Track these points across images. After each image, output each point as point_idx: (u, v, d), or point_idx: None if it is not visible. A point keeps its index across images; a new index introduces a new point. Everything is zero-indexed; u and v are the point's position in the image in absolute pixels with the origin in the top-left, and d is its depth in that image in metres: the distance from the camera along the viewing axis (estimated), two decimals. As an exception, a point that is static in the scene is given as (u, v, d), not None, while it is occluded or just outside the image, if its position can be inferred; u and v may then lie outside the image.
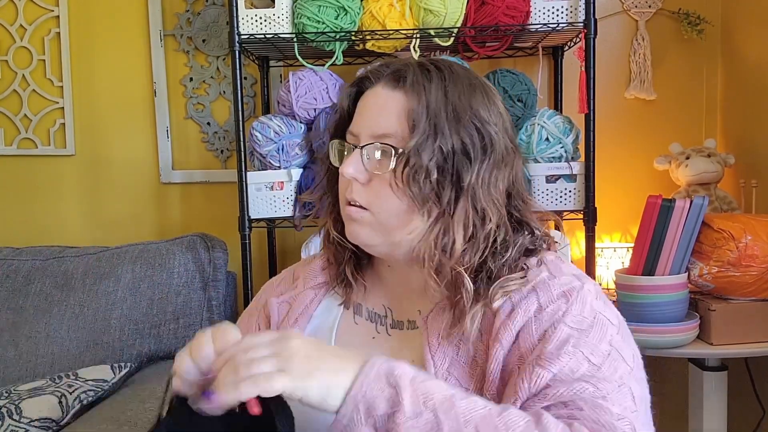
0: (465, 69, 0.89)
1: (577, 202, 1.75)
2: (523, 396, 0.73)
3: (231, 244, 1.91)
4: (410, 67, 0.86)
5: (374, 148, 0.84)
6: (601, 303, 0.82)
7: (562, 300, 0.80)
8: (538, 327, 0.78)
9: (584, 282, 0.83)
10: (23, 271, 1.88)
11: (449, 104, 0.83)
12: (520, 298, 0.81)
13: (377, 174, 0.84)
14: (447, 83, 0.84)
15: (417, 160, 0.81)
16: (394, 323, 0.91)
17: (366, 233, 0.86)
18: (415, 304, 0.90)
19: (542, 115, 1.75)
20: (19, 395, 1.46)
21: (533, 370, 0.74)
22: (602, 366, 0.75)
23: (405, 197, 0.82)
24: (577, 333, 0.76)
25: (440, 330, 0.83)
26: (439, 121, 0.82)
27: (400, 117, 0.83)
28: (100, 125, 2.18)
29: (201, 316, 1.81)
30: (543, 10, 1.71)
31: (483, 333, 0.82)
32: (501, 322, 0.80)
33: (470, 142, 0.83)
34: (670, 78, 2.09)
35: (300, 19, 1.70)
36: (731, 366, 1.78)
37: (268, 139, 1.77)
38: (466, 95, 0.84)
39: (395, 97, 0.84)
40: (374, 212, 0.84)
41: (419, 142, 0.81)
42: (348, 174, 0.84)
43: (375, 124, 0.85)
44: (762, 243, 1.59)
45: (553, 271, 0.84)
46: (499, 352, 0.78)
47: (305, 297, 0.96)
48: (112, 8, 2.14)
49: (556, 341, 0.76)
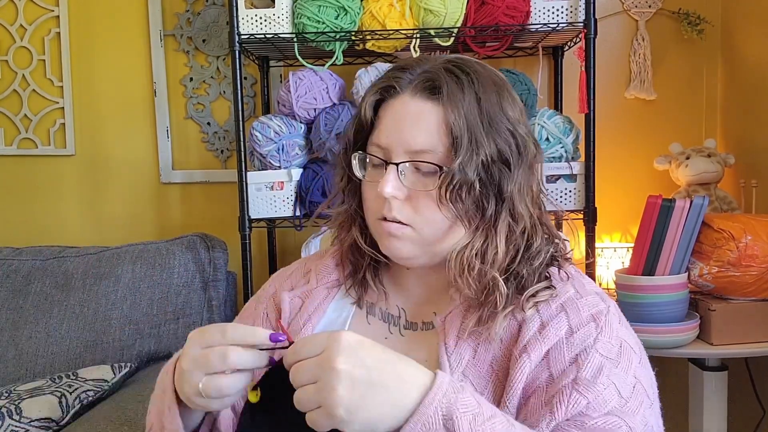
0: (485, 67, 0.87)
1: (577, 202, 1.75)
2: (560, 417, 0.74)
3: (231, 244, 1.91)
4: (441, 76, 0.82)
5: (413, 165, 0.82)
6: (624, 328, 0.83)
7: (591, 324, 0.80)
8: (570, 349, 0.79)
9: (609, 304, 0.84)
10: (23, 271, 1.88)
11: (483, 113, 0.81)
12: (550, 316, 0.81)
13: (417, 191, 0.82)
14: (476, 88, 0.82)
15: (462, 177, 0.79)
16: (407, 324, 0.91)
17: (408, 249, 0.85)
18: (431, 305, 0.90)
19: (542, 115, 1.75)
20: (19, 395, 1.46)
21: (571, 394, 0.75)
22: (629, 401, 0.76)
23: (449, 213, 0.81)
24: (609, 362, 0.78)
25: (458, 331, 0.83)
26: (478, 133, 0.80)
27: (438, 131, 0.81)
28: (100, 125, 2.18)
29: (201, 316, 1.81)
30: (543, 10, 1.71)
31: (503, 340, 0.81)
32: (531, 335, 0.80)
33: (507, 149, 0.82)
34: (670, 78, 2.09)
35: (300, 19, 1.70)
36: (731, 366, 1.77)
37: (268, 139, 1.77)
38: (496, 98, 0.83)
39: (430, 110, 0.81)
40: (417, 228, 0.83)
41: (465, 158, 0.79)
42: (387, 194, 0.81)
43: (410, 138, 0.82)
44: (762, 243, 1.59)
45: (579, 289, 0.85)
46: (526, 364, 0.78)
47: (318, 294, 0.95)
48: (112, 8, 2.14)
49: (590, 369, 0.77)
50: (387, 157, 0.83)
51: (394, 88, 0.84)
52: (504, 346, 0.81)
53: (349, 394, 0.63)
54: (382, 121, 0.85)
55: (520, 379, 0.78)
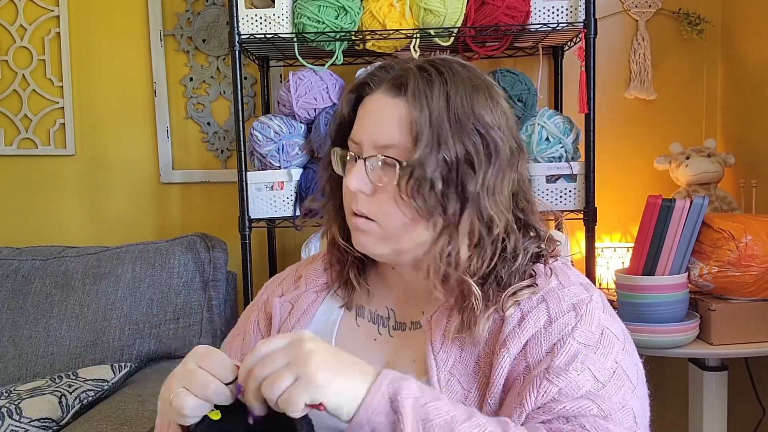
0: (466, 68, 0.86)
1: (577, 202, 1.75)
2: (529, 408, 0.74)
3: (231, 244, 1.91)
4: (411, 73, 0.83)
5: (377, 160, 0.82)
6: (608, 317, 0.83)
7: (571, 313, 0.80)
8: (546, 339, 0.79)
9: (592, 293, 0.84)
10: (23, 271, 1.88)
11: (451, 111, 0.81)
12: (530, 307, 0.81)
13: (381, 186, 0.83)
14: (449, 88, 0.82)
15: (421, 173, 0.79)
16: (396, 324, 0.91)
17: (373, 243, 0.85)
18: (419, 305, 0.90)
19: (542, 115, 1.75)
20: (19, 395, 1.46)
21: (541, 383, 0.75)
22: (607, 384, 0.76)
23: (410, 209, 0.81)
24: (585, 349, 0.77)
25: (444, 331, 0.83)
26: (442, 131, 0.80)
27: (402, 127, 0.81)
28: (100, 125, 2.18)
29: (201, 316, 1.81)
30: (543, 10, 1.71)
31: (489, 338, 0.82)
32: (510, 329, 0.80)
33: (474, 150, 0.80)
34: (670, 78, 2.09)
35: (300, 19, 1.70)
36: (731, 366, 1.77)
37: (268, 139, 1.77)
38: (469, 99, 0.82)
39: (396, 106, 0.82)
40: (380, 223, 0.84)
41: (423, 154, 0.79)
42: (353, 187, 0.83)
43: (377, 133, 0.83)
44: (762, 243, 1.59)
45: (562, 280, 0.84)
46: (505, 358, 0.79)
47: (307, 298, 0.96)
48: (112, 8, 2.14)
49: (564, 356, 0.77)
50: (359, 153, 0.85)
51: (369, 85, 0.86)
52: (490, 343, 0.82)
53: (324, 359, 0.69)
54: (357, 118, 0.87)
55: (501, 374, 0.78)
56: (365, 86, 0.87)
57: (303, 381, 0.67)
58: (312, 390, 0.66)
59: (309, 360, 0.68)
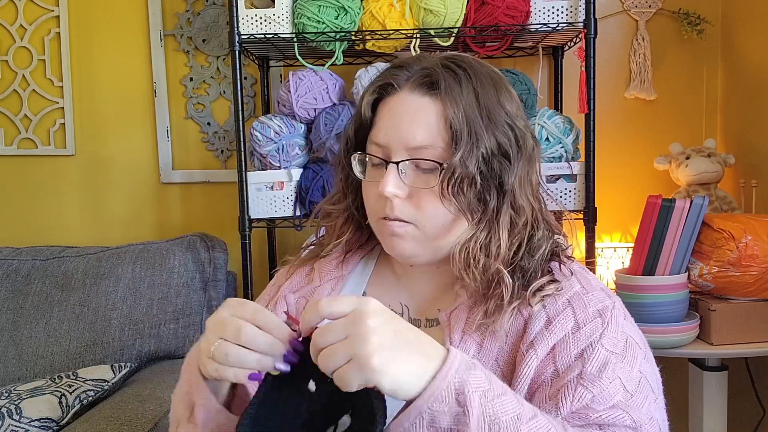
0: (481, 63, 0.87)
1: (577, 202, 1.75)
2: (564, 412, 0.75)
3: (231, 244, 1.91)
4: (439, 71, 0.82)
5: (414, 163, 0.82)
6: (629, 324, 0.84)
7: (597, 320, 0.81)
8: (576, 344, 0.79)
9: (614, 300, 0.85)
10: (23, 271, 1.88)
11: (482, 106, 0.81)
12: (557, 311, 0.81)
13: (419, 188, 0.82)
14: (474, 83, 0.82)
15: (463, 171, 0.79)
16: (410, 321, 0.91)
17: (412, 247, 0.85)
18: (436, 302, 0.90)
19: (542, 115, 1.75)
20: (19, 395, 1.46)
21: (576, 389, 0.75)
22: (635, 395, 0.77)
23: (452, 207, 0.82)
24: (614, 357, 0.78)
25: (464, 327, 0.83)
26: (477, 127, 0.80)
27: (437, 127, 0.81)
28: (100, 125, 2.18)
29: (201, 316, 1.81)
30: (543, 10, 1.71)
31: (509, 335, 0.82)
32: (537, 331, 0.80)
33: (507, 143, 0.82)
34: (670, 78, 2.09)
35: (300, 19, 1.70)
36: (731, 366, 1.77)
37: (268, 139, 1.77)
38: (494, 93, 0.83)
39: (428, 105, 0.82)
40: (419, 225, 0.83)
41: (464, 152, 0.79)
42: (389, 193, 0.81)
43: (409, 135, 0.82)
44: (762, 243, 1.59)
45: (585, 285, 0.85)
46: (533, 359, 0.79)
47: (323, 291, 0.95)
48: (112, 8, 2.14)
49: (595, 363, 0.77)
50: (386, 156, 0.83)
51: (392, 85, 0.85)
52: (510, 341, 0.82)
53: (383, 341, 0.64)
54: (380, 120, 0.85)
55: (527, 374, 0.78)
56: (388, 86, 0.85)
57: (357, 363, 0.63)
58: (366, 373, 0.63)
59: (367, 341, 0.63)
